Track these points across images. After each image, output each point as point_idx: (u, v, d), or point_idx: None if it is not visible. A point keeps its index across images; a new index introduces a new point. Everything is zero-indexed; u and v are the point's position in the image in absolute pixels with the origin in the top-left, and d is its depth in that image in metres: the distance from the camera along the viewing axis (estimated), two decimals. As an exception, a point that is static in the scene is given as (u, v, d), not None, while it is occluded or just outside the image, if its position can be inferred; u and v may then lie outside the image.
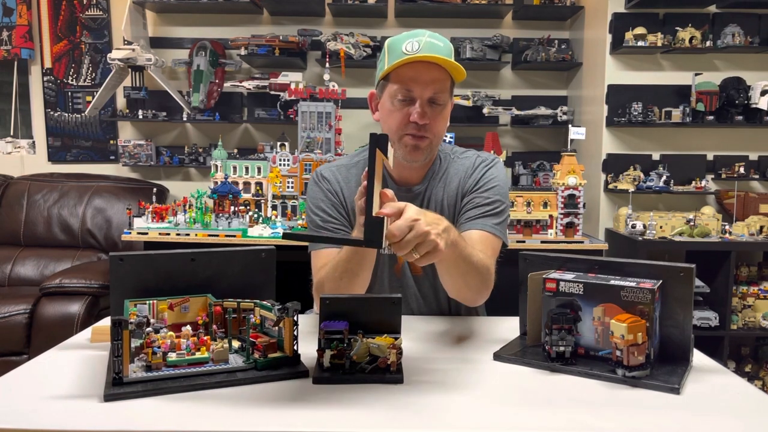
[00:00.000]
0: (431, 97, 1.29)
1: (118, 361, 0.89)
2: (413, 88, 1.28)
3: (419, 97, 1.29)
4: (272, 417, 0.83)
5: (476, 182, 1.42)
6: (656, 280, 1.01)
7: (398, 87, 1.29)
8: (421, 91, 1.28)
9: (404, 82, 1.28)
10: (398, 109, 1.30)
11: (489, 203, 1.38)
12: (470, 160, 1.46)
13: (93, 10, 3.63)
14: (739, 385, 0.99)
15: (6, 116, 3.69)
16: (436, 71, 1.28)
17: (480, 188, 1.41)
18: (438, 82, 1.29)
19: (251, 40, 3.40)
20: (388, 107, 1.33)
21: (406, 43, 1.28)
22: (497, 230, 1.37)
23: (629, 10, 3.08)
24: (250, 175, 3.06)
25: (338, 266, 1.25)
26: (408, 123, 1.30)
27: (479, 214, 1.37)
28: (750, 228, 2.88)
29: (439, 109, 1.32)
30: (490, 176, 1.42)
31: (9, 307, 2.70)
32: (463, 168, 1.45)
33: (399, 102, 1.30)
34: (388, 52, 1.31)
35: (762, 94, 2.98)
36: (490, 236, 1.36)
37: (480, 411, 0.86)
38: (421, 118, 1.29)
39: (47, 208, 3.36)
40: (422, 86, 1.28)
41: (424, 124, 1.30)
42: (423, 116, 1.29)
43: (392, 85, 1.30)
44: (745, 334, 2.95)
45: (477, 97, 3.50)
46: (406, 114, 1.30)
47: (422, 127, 1.30)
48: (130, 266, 1.02)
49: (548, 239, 2.79)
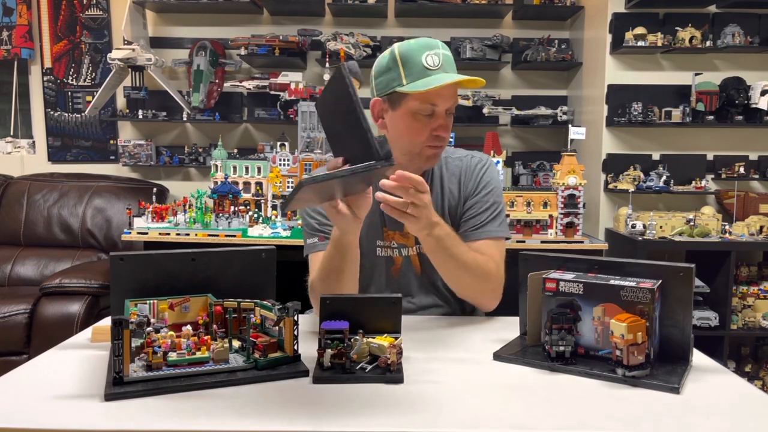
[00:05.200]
0: (449, 108, 1.34)
1: (119, 360, 0.89)
2: (438, 104, 1.31)
3: (441, 110, 1.32)
4: (272, 417, 0.83)
5: (476, 186, 1.45)
6: (656, 279, 1.01)
7: (422, 104, 1.30)
8: (443, 104, 1.32)
9: (430, 99, 1.30)
10: (422, 123, 1.33)
11: (488, 207, 1.44)
12: (465, 162, 1.49)
13: (93, 10, 3.63)
14: (739, 385, 0.99)
15: (6, 116, 3.69)
16: (456, 85, 1.31)
17: (479, 192, 1.45)
18: (456, 94, 1.35)
19: (251, 40, 3.40)
20: (408, 122, 1.33)
21: (425, 55, 1.29)
22: (500, 231, 1.44)
23: (629, 10, 3.08)
24: (250, 175, 3.06)
25: (324, 266, 1.28)
26: (430, 135, 1.33)
27: (482, 222, 1.43)
28: (750, 228, 2.88)
29: (452, 116, 1.37)
30: (487, 179, 1.46)
31: (9, 307, 2.70)
32: (460, 169, 1.48)
33: (423, 117, 1.32)
34: (404, 64, 1.29)
35: (762, 94, 2.98)
36: (496, 241, 1.43)
37: (480, 411, 0.86)
38: (445, 131, 1.34)
39: (47, 208, 3.36)
40: (445, 100, 1.32)
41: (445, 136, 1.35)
42: (446, 129, 1.35)
43: (414, 101, 1.30)
44: (745, 334, 2.95)
45: (477, 97, 3.50)
46: (429, 128, 1.33)
47: (443, 138, 1.35)
48: (131, 266, 1.02)
49: (548, 239, 2.79)
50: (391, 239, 1.45)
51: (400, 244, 1.46)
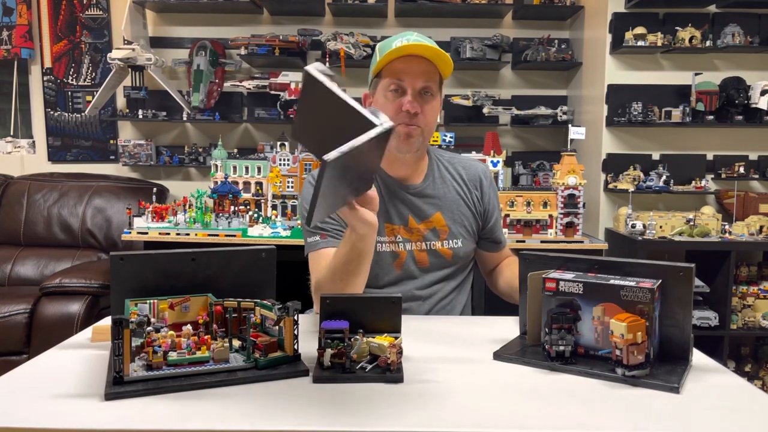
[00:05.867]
0: (422, 87, 1.38)
1: (119, 360, 0.89)
2: (404, 78, 1.37)
3: (410, 87, 1.37)
4: (272, 416, 0.83)
5: (490, 200, 1.58)
6: (656, 279, 1.01)
7: (390, 79, 1.38)
8: (412, 81, 1.37)
9: (395, 74, 1.37)
10: (390, 100, 1.39)
11: (497, 219, 1.62)
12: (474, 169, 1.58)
13: (93, 10, 3.64)
14: (738, 385, 0.99)
15: (6, 116, 3.69)
16: (425, 64, 1.38)
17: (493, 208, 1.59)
18: (427, 73, 1.39)
19: (251, 39, 3.40)
20: (381, 101, 1.41)
21: (395, 41, 1.37)
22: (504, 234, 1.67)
23: (629, 9, 3.08)
24: (250, 175, 3.06)
25: (336, 268, 1.26)
26: (400, 112, 1.37)
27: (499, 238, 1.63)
28: (750, 228, 2.89)
29: (429, 98, 1.40)
30: (496, 194, 1.61)
31: (9, 306, 2.70)
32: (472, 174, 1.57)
33: (391, 93, 1.39)
34: (380, 52, 1.41)
35: (762, 93, 2.98)
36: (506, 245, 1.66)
37: (480, 410, 0.86)
38: (413, 107, 1.37)
39: (47, 208, 3.37)
40: (413, 77, 1.37)
41: (415, 113, 1.38)
42: (414, 105, 1.37)
43: (384, 79, 1.39)
44: (744, 334, 2.95)
45: (477, 96, 3.50)
46: (398, 104, 1.38)
47: (414, 116, 1.38)
48: (131, 266, 1.02)
49: (548, 239, 2.79)
50: (396, 234, 1.46)
51: (405, 239, 1.47)
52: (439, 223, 1.49)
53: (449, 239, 1.50)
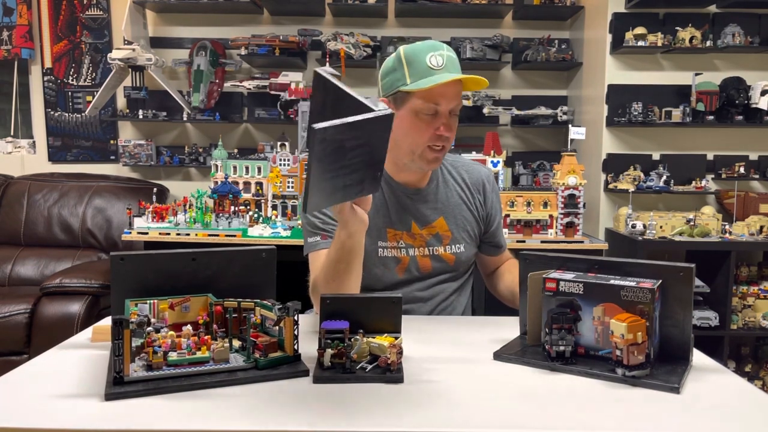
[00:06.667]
0: (452, 108, 1.35)
1: (119, 360, 0.89)
2: (441, 103, 1.33)
3: (445, 109, 1.34)
4: (272, 416, 0.83)
5: (492, 204, 1.57)
6: (656, 279, 1.01)
7: (426, 103, 1.32)
8: (447, 104, 1.33)
9: (433, 98, 1.32)
10: (425, 122, 1.34)
11: (499, 224, 1.62)
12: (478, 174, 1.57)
13: (93, 10, 3.64)
14: (739, 385, 0.99)
15: (6, 116, 3.69)
16: (459, 85, 1.35)
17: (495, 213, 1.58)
18: (459, 93, 1.36)
19: (251, 40, 3.40)
20: (411, 121, 1.35)
21: (429, 56, 1.32)
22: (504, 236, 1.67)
23: (629, 10, 3.08)
24: (250, 175, 3.06)
25: (328, 269, 1.26)
26: (433, 135, 1.35)
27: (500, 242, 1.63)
28: (750, 228, 2.88)
29: (456, 118, 1.38)
30: (498, 198, 1.60)
31: (9, 306, 2.70)
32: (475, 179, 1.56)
33: (426, 116, 1.34)
34: (409, 64, 1.33)
35: (762, 94, 2.98)
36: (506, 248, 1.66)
37: (480, 411, 0.86)
38: (448, 131, 1.35)
39: (47, 208, 3.37)
40: (449, 99, 1.33)
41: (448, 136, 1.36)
42: (449, 129, 1.36)
43: (417, 100, 1.33)
44: (745, 334, 2.95)
45: (477, 96, 3.50)
46: (431, 127, 1.34)
47: (446, 138, 1.36)
48: (131, 266, 1.02)
49: (548, 239, 2.79)
50: (399, 239, 1.46)
51: (408, 244, 1.47)
52: (442, 228, 1.49)
53: (452, 244, 1.50)
